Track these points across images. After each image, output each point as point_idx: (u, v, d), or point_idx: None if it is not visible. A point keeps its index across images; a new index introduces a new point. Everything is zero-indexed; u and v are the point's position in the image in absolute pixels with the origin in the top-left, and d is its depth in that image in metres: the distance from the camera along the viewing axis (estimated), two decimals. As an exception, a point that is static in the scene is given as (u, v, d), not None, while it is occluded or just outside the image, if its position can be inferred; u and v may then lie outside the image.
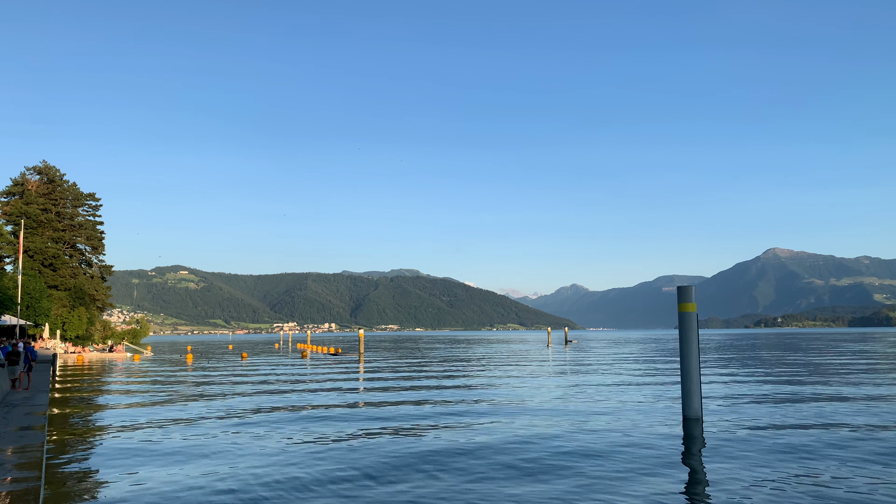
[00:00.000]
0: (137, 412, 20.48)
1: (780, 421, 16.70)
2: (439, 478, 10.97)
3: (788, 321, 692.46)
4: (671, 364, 42.82)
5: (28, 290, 61.88)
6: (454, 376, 34.31)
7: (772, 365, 40.91)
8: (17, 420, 15.29)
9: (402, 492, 10.10)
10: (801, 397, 22.04)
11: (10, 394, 21.89)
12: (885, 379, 29.04)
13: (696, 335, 17.16)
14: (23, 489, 8.48)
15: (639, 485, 10.33)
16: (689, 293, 17.51)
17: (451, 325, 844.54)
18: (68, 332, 77.34)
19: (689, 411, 16.99)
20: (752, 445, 13.42)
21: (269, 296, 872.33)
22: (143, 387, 30.54)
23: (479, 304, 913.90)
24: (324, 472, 11.49)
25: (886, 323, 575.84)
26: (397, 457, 12.68)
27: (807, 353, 56.67)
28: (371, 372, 39.02)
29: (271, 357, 64.30)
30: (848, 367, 37.14)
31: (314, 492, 10.15)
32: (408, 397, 23.78)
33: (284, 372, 40.12)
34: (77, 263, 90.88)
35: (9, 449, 11.45)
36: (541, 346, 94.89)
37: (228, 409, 20.93)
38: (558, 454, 12.76)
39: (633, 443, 13.86)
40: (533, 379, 31.85)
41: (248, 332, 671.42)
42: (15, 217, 76.67)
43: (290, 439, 14.83)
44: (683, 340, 17.15)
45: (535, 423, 16.94)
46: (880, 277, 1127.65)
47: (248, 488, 10.38)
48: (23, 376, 23.99)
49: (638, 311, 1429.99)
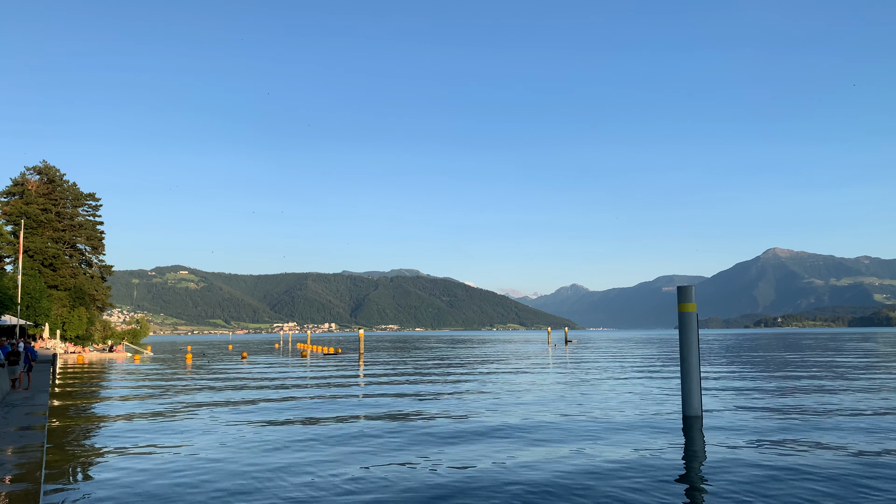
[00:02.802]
0: (137, 412, 20.47)
1: (780, 420, 16.69)
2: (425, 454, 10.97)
3: (788, 321, 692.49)
4: (671, 363, 42.82)
5: (28, 290, 61.88)
6: (454, 376, 34.32)
7: (771, 364, 40.92)
8: (17, 420, 15.29)
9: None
10: (801, 397, 22.03)
11: (10, 394, 21.89)
12: (885, 379, 29.04)
13: (696, 335, 17.18)
14: (23, 489, 8.48)
15: (638, 484, 10.33)
16: (689, 293, 17.52)
17: (451, 326, 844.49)
18: (68, 332, 77.34)
19: (689, 410, 17.00)
20: (751, 444, 13.41)
21: (269, 296, 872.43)
22: (144, 387, 30.53)
23: (479, 304, 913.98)
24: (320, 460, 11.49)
25: (886, 323, 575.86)
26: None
27: (807, 353, 56.68)
28: (371, 375, 39.01)
29: (271, 357, 64.29)
30: (848, 367, 37.13)
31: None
32: (406, 396, 23.78)
33: (284, 372, 40.12)
34: (77, 263, 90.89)
35: (9, 449, 11.45)
36: (541, 345, 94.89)
37: (228, 409, 20.93)
38: (558, 453, 12.77)
39: (633, 440, 13.87)
40: (533, 379, 31.83)
41: (248, 332, 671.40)
42: (15, 217, 76.68)
43: (290, 440, 14.83)
44: (683, 340, 17.16)
45: (535, 423, 16.93)
46: (880, 277, 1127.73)
47: (248, 488, 10.38)
48: (23, 376, 24.00)
49: (638, 311, 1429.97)
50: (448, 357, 58.71)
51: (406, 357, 59.92)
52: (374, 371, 39.71)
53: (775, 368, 37.34)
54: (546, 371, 37.66)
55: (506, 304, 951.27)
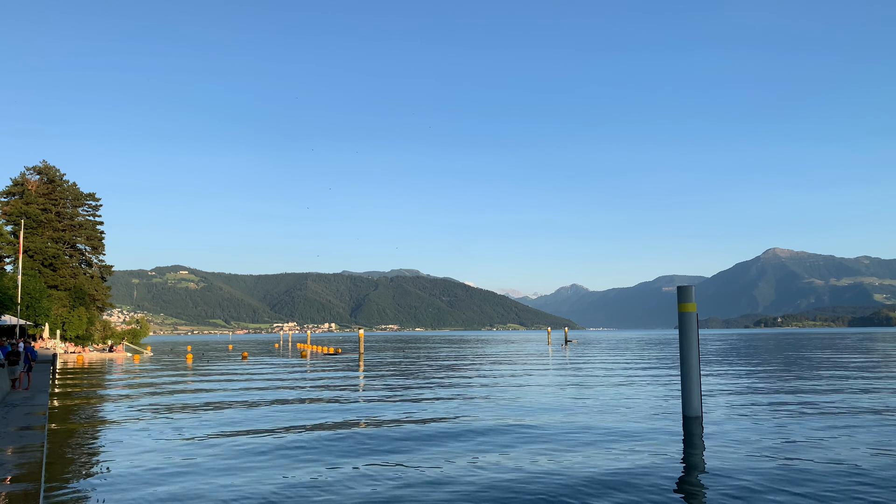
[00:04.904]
0: (137, 412, 20.47)
1: (780, 420, 16.69)
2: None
3: (788, 321, 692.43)
4: (671, 363, 42.81)
5: (28, 290, 61.87)
6: (455, 375, 34.31)
7: (772, 365, 40.91)
8: (17, 420, 15.29)
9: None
10: (801, 397, 22.02)
11: (10, 394, 21.89)
12: (885, 379, 29.03)
13: (696, 335, 17.17)
14: (23, 489, 8.48)
15: (638, 483, 10.33)
16: (689, 293, 17.52)
17: (451, 325, 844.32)
18: (68, 332, 77.32)
19: (689, 410, 16.99)
20: (751, 444, 13.41)
21: (269, 296, 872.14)
22: (144, 387, 30.52)
23: (479, 304, 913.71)
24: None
25: (886, 323, 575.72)
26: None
27: (808, 353, 56.66)
28: (371, 376, 39.00)
29: (271, 357, 64.29)
30: (848, 367, 37.12)
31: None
32: (407, 397, 23.78)
33: (284, 372, 40.11)
34: (77, 263, 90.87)
35: (9, 449, 11.45)
36: (541, 345, 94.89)
37: (229, 408, 20.93)
38: (557, 453, 12.77)
39: (633, 441, 13.86)
40: (533, 378, 31.82)
41: (248, 332, 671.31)
42: (15, 217, 76.66)
43: (291, 441, 14.83)
44: (683, 340, 17.16)
45: (534, 422, 16.93)
46: (880, 277, 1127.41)
47: (254, 494, 10.38)
48: (23, 376, 24.00)
49: (638, 311, 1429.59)
50: (448, 357, 58.69)
51: (406, 357, 59.92)
52: (374, 371, 39.69)
53: (775, 369, 37.32)
54: (545, 371, 37.63)
55: (506, 304, 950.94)
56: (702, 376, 23.45)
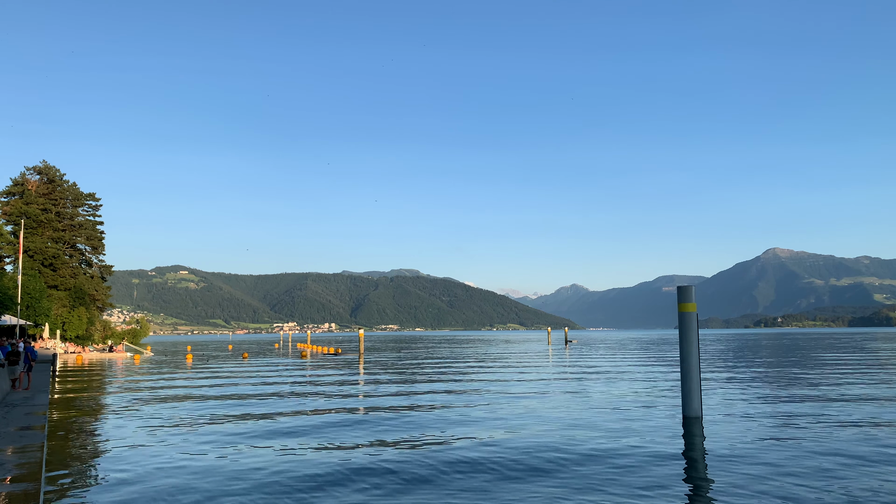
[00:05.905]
0: (137, 412, 20.48)
1: (780, 420, 16.69)
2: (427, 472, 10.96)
3: (788, 321, 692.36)
4: (671, 363, 42.81)
5: (28, 290, 61.88)
6: (454, 376, 34.31)
7: (772, 364, 40.90)
8: (17, 420, 15.29)
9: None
10: (801, 396, 22.03)
11: (10, 394, 21.89)
12: (886, 379, 29.02)
13: (696, 335, 17.17)
14: (23, 489, 8.48)
15: (638, 484, 10.33)
16: (689, 293, 17.52)
17: (451, 325, 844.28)
18: (68, 332, 77.34)
19: (689, 410, 16.99)
20: (752, 444, 13.42)
21: (269, 296, 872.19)
22: (144, 387, 30.52)
23: (479, 304, 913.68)
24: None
25: (886, 323, 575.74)
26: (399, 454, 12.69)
27: (808, 353, 56.65)
28: (371, 376, 39.00)
29: (271, 357, 64.29)
30: (847, 366, 37.11)
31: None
32: (407, 398, 23.78)
33: (284, 372, 40.11)
34: (77, 263, 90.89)
35: (9, 449, 11.45)
36: (541, 346, 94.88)
37: (229, 408, 20.94)
38: (556, 452, 12.76)
39: (633, 441, 13.86)
40: (532, 378, 31.83)
41: (248, 332, 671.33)
42: (15, 217, 76.69)
43: (292, 441, 14.83)
44: (683, 340, 17.16)
45: (533, 421, 16.93)
46: (880, 277, 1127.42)
47: (252, 489, 10.38)
48: (23, 376, 23.99)
49: (638, 311, 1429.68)
50: (447, 357, 58.70)
51: (405, 357, 59.91)
52: (373, 372, 39.68)
53: (775, 369, 37.32)
54: (545, 371, 37.64)
55: (506, 304, 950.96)
56: (702, 376, 23.45)
